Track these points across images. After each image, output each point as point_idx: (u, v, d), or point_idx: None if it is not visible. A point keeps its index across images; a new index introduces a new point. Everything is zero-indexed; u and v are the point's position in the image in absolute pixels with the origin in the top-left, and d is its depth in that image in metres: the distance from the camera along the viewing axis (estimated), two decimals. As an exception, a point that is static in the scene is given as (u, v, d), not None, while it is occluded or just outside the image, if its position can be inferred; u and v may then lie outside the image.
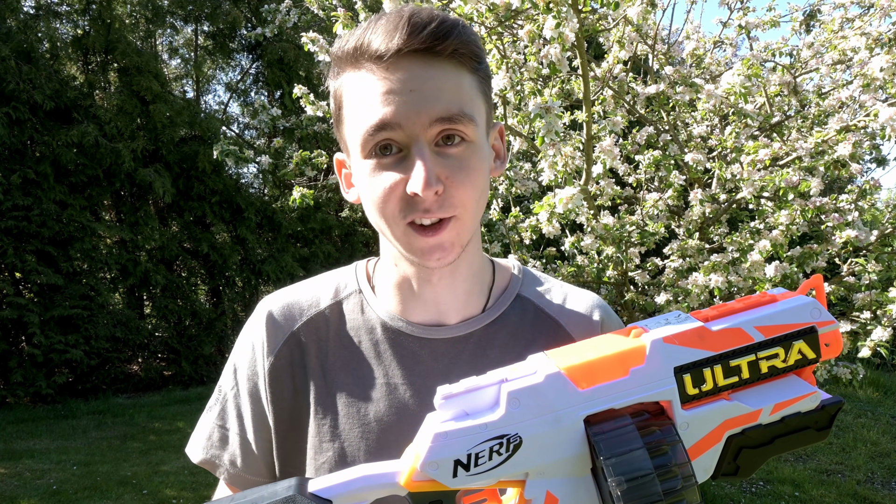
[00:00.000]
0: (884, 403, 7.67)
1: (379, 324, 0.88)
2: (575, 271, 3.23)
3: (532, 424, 0.60)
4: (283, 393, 0.87)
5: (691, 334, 0.62)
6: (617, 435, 0.57)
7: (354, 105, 0.77)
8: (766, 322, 0.62)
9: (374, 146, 0.75)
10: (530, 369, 0.63)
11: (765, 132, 3.48)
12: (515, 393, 0.60)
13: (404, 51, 0.72)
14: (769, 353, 0.62)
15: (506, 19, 2.51)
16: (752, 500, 4.80)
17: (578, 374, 0.61)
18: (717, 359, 0.61)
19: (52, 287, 8.26)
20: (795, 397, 0.62)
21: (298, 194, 3.21)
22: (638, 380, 0.61)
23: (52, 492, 5.02)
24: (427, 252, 0.77)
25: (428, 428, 0.62)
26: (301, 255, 11.12)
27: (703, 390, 0.61)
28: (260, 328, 0.90)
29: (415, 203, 0.75)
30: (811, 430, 0.63)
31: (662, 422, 0.60)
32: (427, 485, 0.61)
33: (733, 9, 3.59)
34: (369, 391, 0.85)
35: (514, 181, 3.45)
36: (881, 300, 2.91)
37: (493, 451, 0.60)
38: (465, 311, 0.88)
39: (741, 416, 0.61)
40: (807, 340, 0.62)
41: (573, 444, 0.61)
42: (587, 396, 0.60)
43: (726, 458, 0.63)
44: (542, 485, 0.61)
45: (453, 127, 0.74)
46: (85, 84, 9.35)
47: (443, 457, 0.60)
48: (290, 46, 10.62)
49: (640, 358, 0.62)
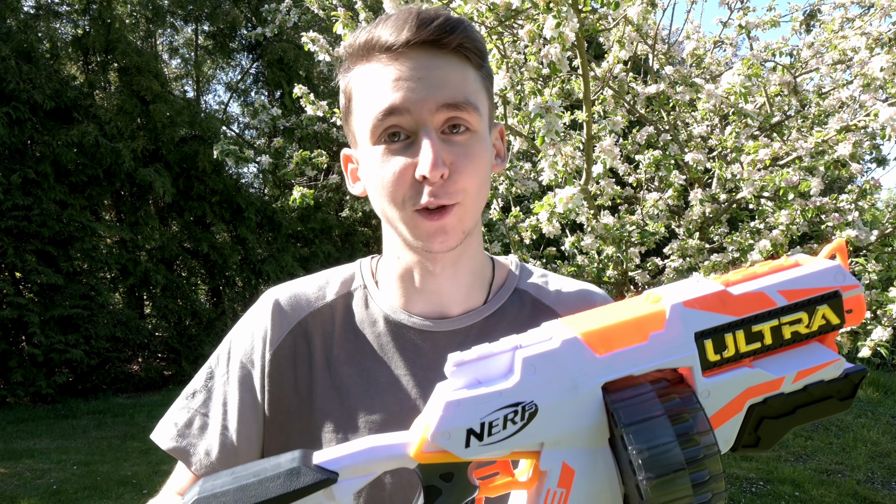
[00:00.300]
0: (884, 403, 7.67)
1: (381, 317, 0.89)
2: (575, 271, 3.23)
3: (548, 392, 0.58)
4: (283, 383, 0.87)
5: (713, 298, 0.59)
6: (636, 402, 0.55)
7: (364, 94, 0.80)
8: (789, 286, 0.60)
9: (383, 132, 0.78)
10: (545, 335, 0.60)
11: (765, 132, 3.48)
12: (531, 359, 0.58)
13: (413, 41, 0.76)
14: (792, 319, 0.59)
15: (506, 19, 2.51)
16: (753, 500, 4.80)
17: (596, 339, 0.59)
18: (740, 324, 0.59)
19: (52, 287, 8.26)
20: (819, 364, 0.60)
21: (298, 194, 3.21)
22: (657, 346, 0.58)
23: (53, 491, 5.02)
24: (431, 235, 0.79)
25: (439, 396, 0.59)
26: (301, 255, 11.12)
27: (724, 357, 0.59)
28: (265, 316, 0.90)
29: (421, 189, 0.77)
30: (834, 399, 0.61)
31: (682, 390, 0.57)
32: (438, 456, 0.59)
33: (733, 9, 3.59)
34: (373, 384, 0.85)
35: (514, 181, 3.45)
36: (881, 300, 2.91)
37: (508, 420, 0.57)
38: (467, 304, 0.89)
39: (763, 384, 0.59)
40: (831, 305, 0.60)
41: (590, 412, 0.58)
42: (605, 363, 0.58)
43: (747, 428, 0.60)
44: (559, 455, 0.59)
45: (458, 114, 0.77)
46: (85, 84, 9.35)
47: (455, 426, 0.57)
48: (290, 46, 10.62)
49: (660, 323, 0.59)
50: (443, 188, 0.77)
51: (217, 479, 0.58)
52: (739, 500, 4.81)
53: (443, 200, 0.77)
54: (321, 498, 0.58)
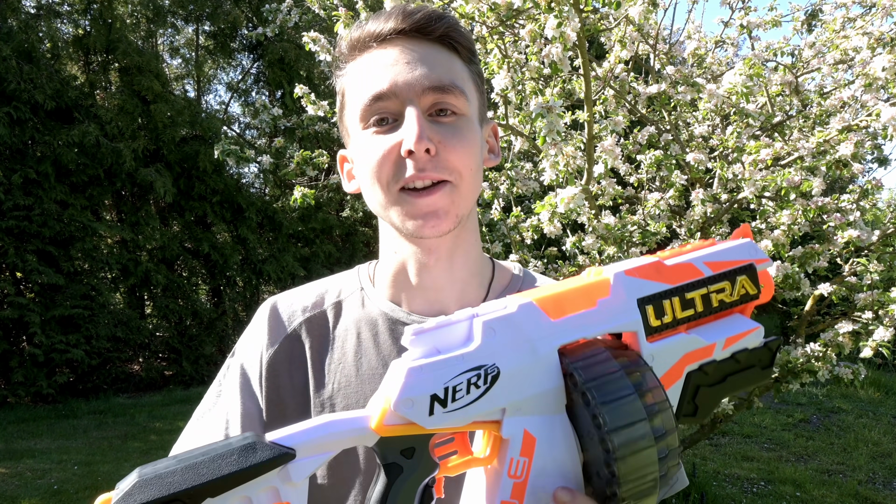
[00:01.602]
0: (885, 403, 7.66)
1: (379, 314, 0.89)
2: (576, 271, 3.23)
3: (509, 355, 0.58)
4: (280, 388, 0.87)
5: (649, 268, 0.64)
6: (593, 362, 0.58)
7: (354, 85, 0.82)
8: (713, 258, 0.66)
9: (372, 116, 0.79)
10: (501, 304, 0.62)
11: (766, 132, 3.47)
12: (490, 322, 0.59)
13: (399, 29, 0.79)
14: (718, 287, 0.65)
15: (507, 19, 2.51)
16: (754, 500, 4.79)
17: (549, 305, 0.61)
18: (675, 291, 0.64)
19: (52, 287, 8.26)
20: (743, 332, 0.65)
21: (299, 194, 3.20)
22: (605, 310, 0.61)
23: (53, 491, 5.02)
24: (422, 217, 0.78)
25: (398, 366, 0.58)
26: (302, 255, 11.12)
27: (664, 322, 0.63)
28: (262, 324, 0.91)
29: (408, 165, 0.77)
30: (756, 368, 0.67)
31: (629, 353, 0.61)
32: (400, 428, 0.57)
33: (735, 8, 3.58)
34: (370, 383, 0.85)
35: (515, 181, 3.45)
36: (883, 300, 2.90)
37: (471, 384, 0.57)
38: (464, 301, 0.89)
39: (698, 349, 0.64)
40: (748, 276, 0.67)
41: (549, 376, 0.59)
42: (560, 326, 0.60)
43: (686, 397, 0.64)
44: (520, 422, 0.59)
45: (445, 98, 0.78)
46: (86, 84, 9.36)
47: (418, 393, 0.56)
48: (291, 46, 10.62)
49: (605, 290, 0.63)
50: (430, 162, 0.76)
51: (159, 464, 0.54)
52: (740, 500, 4.80)
53: (432, 174, 0.77)
54: (276, 479, 0.55)
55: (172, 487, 0.51)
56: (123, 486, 0.53)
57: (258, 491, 0.54)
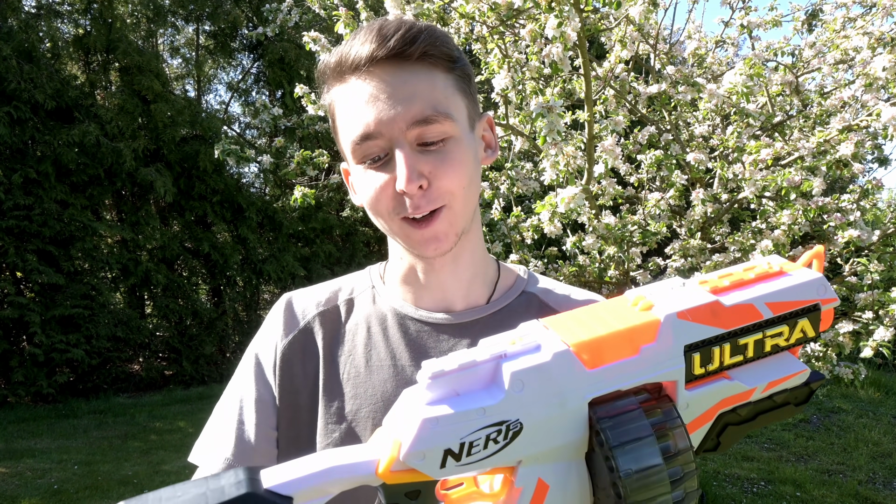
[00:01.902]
0: (885, 403, 7.66)
1: (389, 310, 0.93)
2: (576, 271, 3.23)
3: (535, 409, 0.53)
4: (293, 378, 0.91)
5: (705, 310, 0.57)
6: (624, 420, 0.53)
7: (342, 116, 0.84)
8: (776, 298, 0.58)
9: (361, 155, 0.81)
10: (531, 343, 0.56)
11: (767, 132, 3.47)
12: (520, 374, 0.53)
13: (377, 58, 0.78)
14: (775, 332, 0.59)
15: (508, 18, 2.51)
16: (754, 500, 4.79)
17: (587, 352, 0.55)
18: (727, 337, 0.57)
19: (53, 286, 8.26)
20: (788, 375, 0.59)
21: (300, 194, 3.20)
22: (647, 359, 0.56)
23: (54, 491, 5.02)
24: (423, 244, 0.83)
25: (412, 411, 0.53)
26: (302, 255, 11.12)
27: (708, 370, 0.57)
28: (278, 317, 0.95)
29: (404, 200, 0.80)
30: (791, 405, 0.61)
31: (664, 403, 0.55)
32: (407, 475, 0.53)
33: (735, 8, 3.59)
34: (378, 373, 0.88)
35: (515, 181, 3.45)
36: (883, 300, 2.91)
37: (490, 440, 0.53)
38: (470, 299, 0.93)
39: (737, 395, 0.58)
40: (810, 319, 0.59)
41: (574, 428, 0.55)
42: (595, 377, 0.54)
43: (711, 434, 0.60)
44: (535, 471, 0.55)
45: (429, 129, 0.78)
46: (86, 83, 9.36)
47: (431, 446, 0.51)
48: (291, 46, 10.62)
49: (652, 335, 0.56)
50: (424, 197, 0.79)
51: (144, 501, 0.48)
52: (741, 500, 4.80)
53: (427, 207, 0.80)
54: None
55: None
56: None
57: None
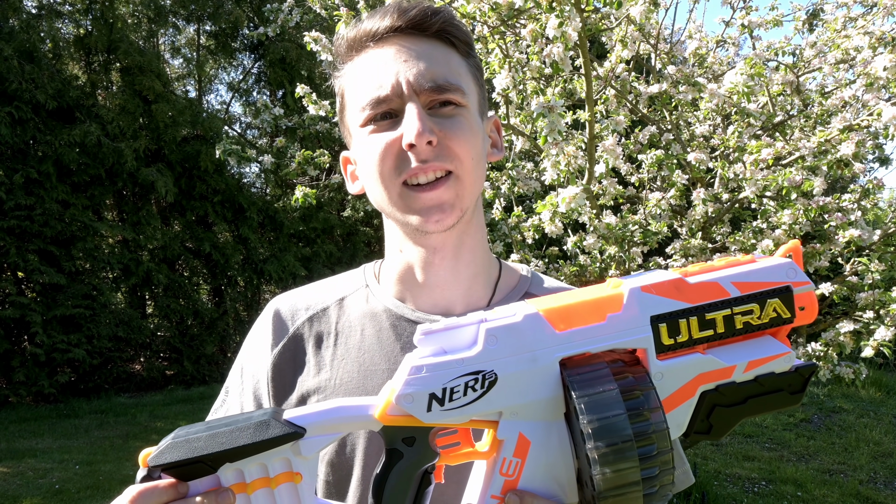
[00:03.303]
0: (886, 403, 7.66)
1: (383, 310, 0.89)
2: (577, 271, 3.23)
3: (508, 362, 0.61)
4: (286, 387, 0.89)
5: (668, 285, 0.63)
6: (591, 377, 0.58)
7: (353, 85, 0.82)
8: (742, 279, 0.63)
9: (371, 114, 0.79)
10: (510, 311, 0.64)
11: (767, 131, 3.47)
12: (493, 330, 0.61)
13: (395, 27, 0.78)
14: (744, 309, 0.62)
15: (508, 18, 2.51)
16: (755, 500, 4.79)
17: (556, 316, 0.62)
18: (693, 311, 0.62)
19: (54, 286, 8.27)
20: (769, 356, 0.63)
21: (301, 194, 3.20)
22: (614, 326, 0.62)
23: (55, 491, 5.02)
24: (425, 212, 0.78)
25: (405, 363, 0.63)
26: (303, 255, 11.12)
27: (678, 341, 0.62)
28: (266, 326, 0.92)
29: (409, 159, 0.77)
30: (784, 392, 0.64)
31: (637, 370, 0.60)
32: (401, 419, 0.62)
33: (736, 8, 3.58)
34: (372, 376, 0.86)
35: (516, 180, 3.45)
36: (884, 300, 2.90)
37: (469, 387, 0.61)
38: (470, 300, 0.88)
39: (715, 370, 0.62)
40: (782, 299, 0.63)
41: (548, 385, 0.61)
42: (564, 338, 0.61)
43: (699, 415, 0.63)
44: (515, 426, 0.62)
45: (443, 96, 0.78)
46: (87, 83, 9.37)
47: (418, 390, 0.61)
48: (292, 46, 10.62)
49: (618, 305, 0.62)
50: (432, 152, 0.76)
51: (192, 427, 0.64)
52: (741, 499, 4.80)
53: (435, 164, 0.77)
54: (288, 452, 0.62)
55: (197, 451, 0.61)
56: (161, 444, 0.63)
57: (273, 460, 0.62)
